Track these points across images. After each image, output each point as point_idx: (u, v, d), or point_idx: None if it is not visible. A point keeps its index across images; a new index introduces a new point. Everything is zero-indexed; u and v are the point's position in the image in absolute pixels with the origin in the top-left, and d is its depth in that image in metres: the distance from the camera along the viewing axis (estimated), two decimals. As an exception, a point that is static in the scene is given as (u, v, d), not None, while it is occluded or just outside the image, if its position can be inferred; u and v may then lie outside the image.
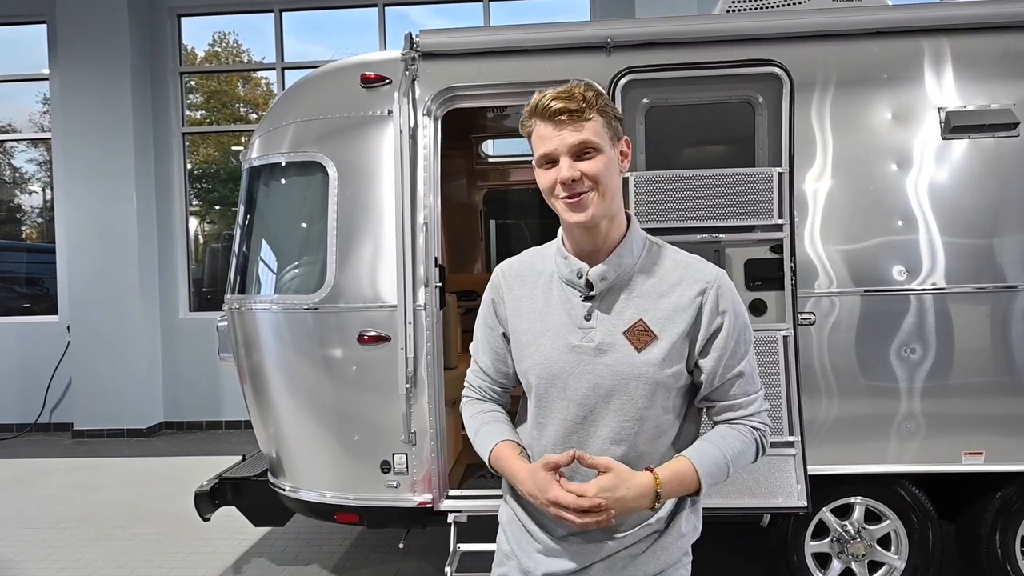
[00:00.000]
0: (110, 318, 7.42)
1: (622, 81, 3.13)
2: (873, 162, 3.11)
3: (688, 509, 1.49)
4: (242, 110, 8.59)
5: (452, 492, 3.35)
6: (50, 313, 8.05)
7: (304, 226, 3.55)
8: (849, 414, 3.12)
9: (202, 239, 8.36)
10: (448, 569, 3.11)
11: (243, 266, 3.65)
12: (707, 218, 3.05)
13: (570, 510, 1.31)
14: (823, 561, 3.30)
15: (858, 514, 3.25)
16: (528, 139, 1.44)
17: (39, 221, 8.71)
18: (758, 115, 3.10)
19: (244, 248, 3.66)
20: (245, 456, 4.23)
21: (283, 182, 3.60)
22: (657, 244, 1.50)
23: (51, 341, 7.77)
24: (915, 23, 3.13)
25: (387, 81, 3.31)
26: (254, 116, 8.34)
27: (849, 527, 3.25)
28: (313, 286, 3.33)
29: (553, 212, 1.45)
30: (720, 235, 3.06)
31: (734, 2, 3.45)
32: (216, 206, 8.53)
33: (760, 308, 3.07)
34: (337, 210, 3.30)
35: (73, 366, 7.56)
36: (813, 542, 3.28)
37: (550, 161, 1.39)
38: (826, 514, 3.26)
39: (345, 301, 3.27)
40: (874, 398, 3.11)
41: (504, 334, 1.57)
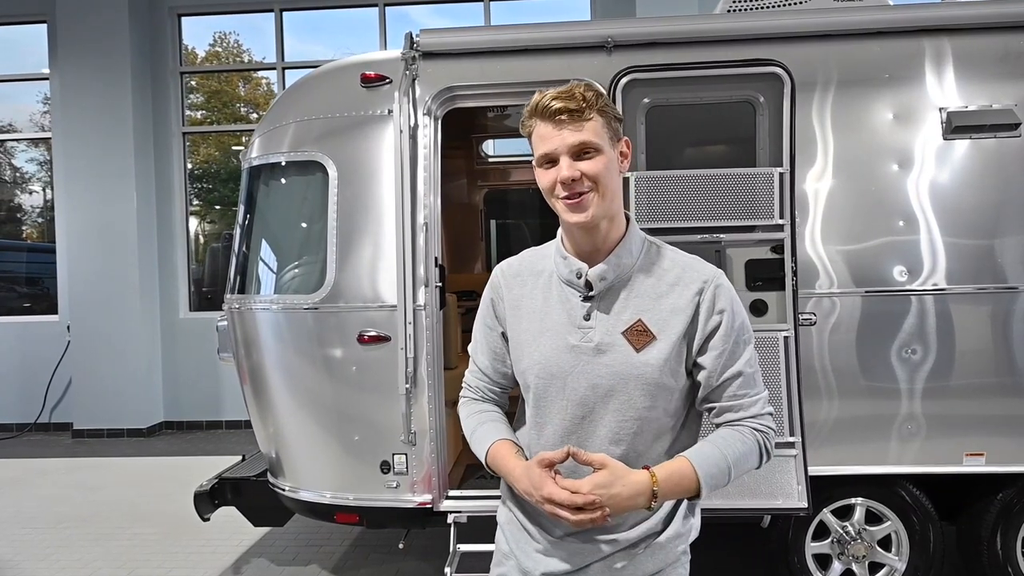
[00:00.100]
0: (110, 318, 7.42)
1: (623, 81, 3.12)
2: (874, 162, 3.11)
3: (686, 510, 1.48)
4: (242, 110, 8.58)
5: (452, 492, 3.34)
6: (50, 313, 8.06)
7: (304, 226, 3.54)
8: (850, 415, 3.11)
9: (202, 239, 8.36)
10: (448, 569, 3.11)
11: (243, 266, 3.65)
12: (708, 218, 3.04)
13: (564, 507, 1.30)
14: (824, 562, 3.29)
15: (859, 515, 3.24)
16: (528, 139, 1.44)
17: (39, 221, 8.71)
18: (759, 115, 3.10)
19: (244, 248, 3.65)
20: (245, 456, 4.23)
21: (283, 182, 3.60)
22: (656, 244, 1.50)
23: (51, 341, 7.78)
24: (916, 23, 3.13)
25: (387, 81, 3.30)
26: (254, 116, 8.33)
27: (850, 528, 3.24)
28: (313, 286, 3.33)
29: (553, 212, 1.45)
30: (721, 235, 3.05)
31: (735, 2, 3.45)
32: (216, 206, 8.53)
33: (761, 308, 3.07)
34: (337, 210, 3.30)
35: (73, 366, 7.57)
36: (814, 543, 3.27)
37: (550, 161, 1.39)
38: (827, 515, 3.25)
39: (345, 301, 3.27)
40: (875, 399, 3.10)
41: (503, 334, 1.57)
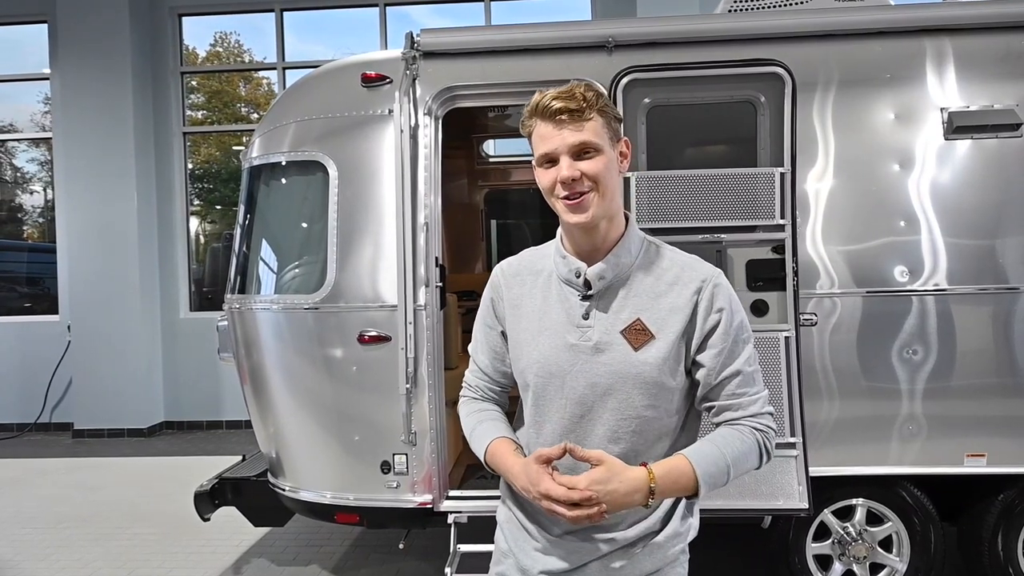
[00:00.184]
0: (111, 318, 7.42)
1: (623, 81, 3.12)
2: (875, 162, 3.10)
3: (685, 509, 1.49)
4: (243, 110, 8.59)
5: (452, 492, 3.34)
6: (51, 313, 8.06)
7: (304, 226, 3.54)
8: (851, 415, 3.11)
9: (203, 239, 8.36)
10: (448, 570, 3.10)
11: (243, 266, 3.65)
12: (709, 218, 3.04)
13: (561, 503, 1.30)
14: (824, 563, 3.29)
15: (860, 516, 3.24)
16: (528, 139, 1.44)
17: (40, 221, 8.71)
18: (760, 115, 3.09)
19: (244, 248, 3.65)
20: (245, 456, 4.22)
21: (283, 181, 3.60)
22: (655, 244, 1.51)
23: (52, 341, 7.78)
24: (917, 23, 3.13)
25: (388, 80, 3.30)
26: (255, 116, 8.33)
27: (851, 529, 3.23)
28: (313, 286, 3.32)
29: (553, 212, 1.45)
30: (722, 235, 3.05)
31: (736, 2, 3.44)
32: (217, 206, 8.53)
33: (762, 309, 3.06)
34: (337, 210, 3.29)
35: (74, 366, 7.57)
36: (814, 544, 3.27)
37: (550, 160, 1.40)
38: (827, 516, 3.25)
39: (345, 301, 3.26)
40: (876, 399, 3.10)
41: (502, 333, 1.58)
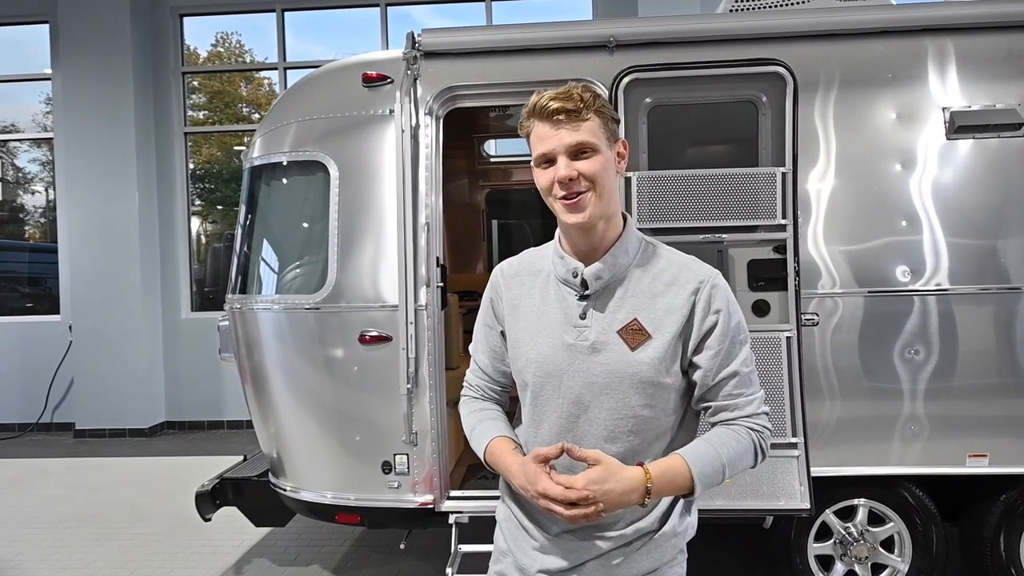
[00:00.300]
0: (112, 318, 7.42)
1: (624, 80, 3.12)
2: (877, 162, 3.10)
3: (682, 508, 1.49)
4: (244, 110, 8.59)
5: (453, 493, 3.34)
6: (52, 313, 8.06)
7: (305, 226, 3.54)
8: (852, 415, 3.10)
9: (204, 239, 8.37)
10: (449, 570, 3.10)
11: (244, 266, 3.65)
12: (710, 218, 3.04)
13: (558, 502, 1.32)
14: (826, 563, 3.28)
15: (861, 516, 3.23)
16: (526, 140, 1.46)
17: (42, 221, 8.72)
18: (761, 115, 3.09)
19: (245, 248, 3.65)
20: (246, 456, 4.22)
21: (284, 182, 3.60)
22: (652, 244, 1.52)
23: (53, 341, 7.78)
24: (919, 22, 3.12)
25: (389, 80, 3.30)
26: (256, 116, 8.33)
27: (852, 529, 3.23)
28: (314, 286, 3.32)
29: (553, 212, 1.45)
30: (723, 235, 3.04)
31: (737, 1, 3.44)
32: (218, 206, 8.53)
33: (763, 309, 3.06)
34: (338, 210, 3.29)
35: (75, 366, 7.57)
36: (816, 544, 3.26)
37: (548, 161, 1.41)
38: (829, 516, 3.24)
39: (346, 301, 3.26)
40: (877, 399, 3.09)
41: (502, 333, 1.59)
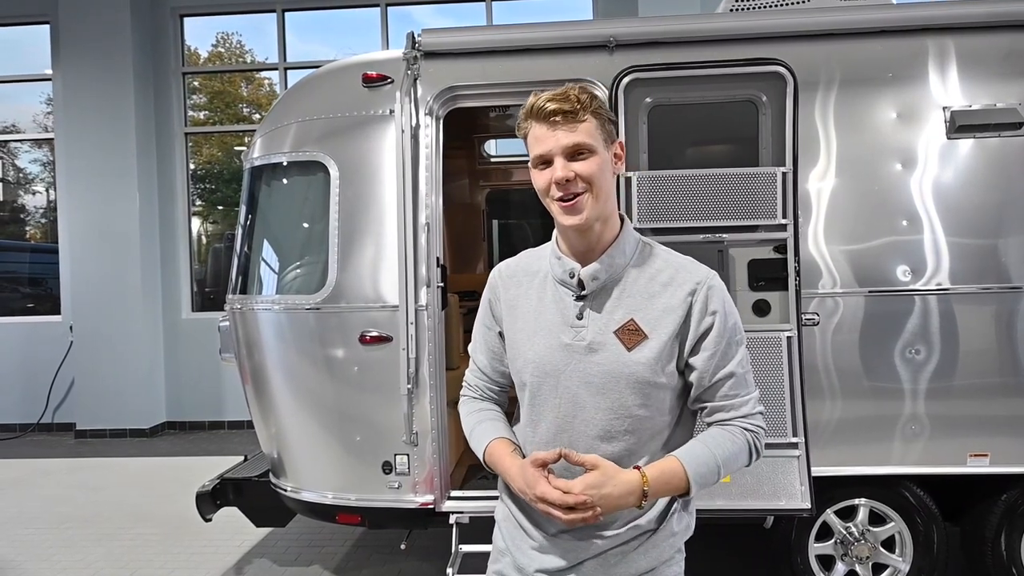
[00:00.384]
0: (113, 318, 7.43)
1: (625, 80, 3.11)
2: (877, 162, 3.10)
3: (680, 507, 1.50)
4: (245, 110, 8.59)
5: (454, 493, 3.34)
6: (53, 313, 8.06)
7: (306, 226, 3.54)
8: (853, 415, 3.10)
9: (205, 239, 8.37)
10: (450, 570, 3.10)
11: (245, 266, 3.65)
12: (710, 218, 3.03)
13: (557, 506, 1.33)
14: (827, 563, 3.28)
15: (862, 516, 3.23)
16: (524, 141, 1.46)
17: (43, 221, 8.73)
18: (761, 114, 3.08)
19: (246, 248, 3.65)
20: (247, 456, 4.22)
21: (285, 182, 3.60)
22: (649, 245, 1.52)
23: (54, 341, 7.78)
24: (919, 22, 3.12)
25: (389, 80, 3.30)
26: (257, 116, 8.34)
27: (853, 529, 3.23)
28: (315, 286, 3.32)
29: None
30: (723, 235, 3.04)
31: (737, 1, 3.44)
32: (219, 206, 8.54)
33: (764, 309, 3.06)
34: (339, 210, 3.29)
35: (76, 366, 7.57)
36: (817, 544, 3.26)
37: (545, 162, 1.42)
38: (830, 516, 3.24)
39: (347, 301, 3.26)
40: (878, 399, 3.09)
41: (500, 333, 1.60)
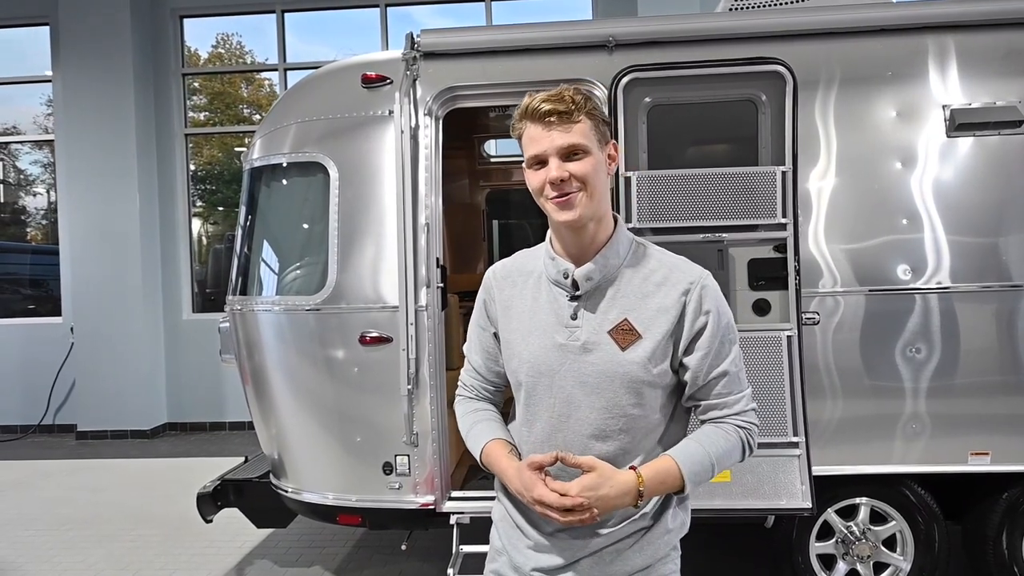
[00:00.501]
0: (113, 320, 7.43)
1: (624, 80, 3.11)
2: (877, 160, 3.09)
3: (675, 505, 1.51)
4: (245, 111, 8.59)
5: (454, 493, 3.34)
6: (54, 315, 8.07)
7: (305, 227, 3.54)
8: (854, 414, 3.09)
9: (205, 240, 8.37)
10: (451, 571, 3.10)
11: (245, 267, 3.65)
12: (710, 217, 3.03)
13: (554, 508, 1.35)
14: (828, 562, 3.28)
15: (863, 515, 3.23)
16: (518, 141, 1.47)
17: (43, 223, 8.73)
18: (761, 114, 3.08)
19: (246, 249, 3.65)
20: (248, 458, 4.22)
21: (284, 183, 3.60)
22: (643, 245, 1.53)
23: (55, 343, 7.78)
24: (919, 20, 3.12)
25: (388, 81, 3.30)
26: (257, 117, 8.33)
27: (854, 528, 3.22)
28: (315, 287, 3.32)
29: None
30: (723, 235, 3.04)
31: (736, 0, 3.44)
32: (219, 207, 8.54)
33: (764, 308, 3.05)
34: (338, 211, 3.29)
35: (77, 367, 7.58)
36: (818, 543, 3.26)
37: (540, 162, 1.43)
38: (831, 515, 3.24)
39: (347, 302, 3.26)
40: (879, 398, 3.09)
41: (495, 334, 1.61)
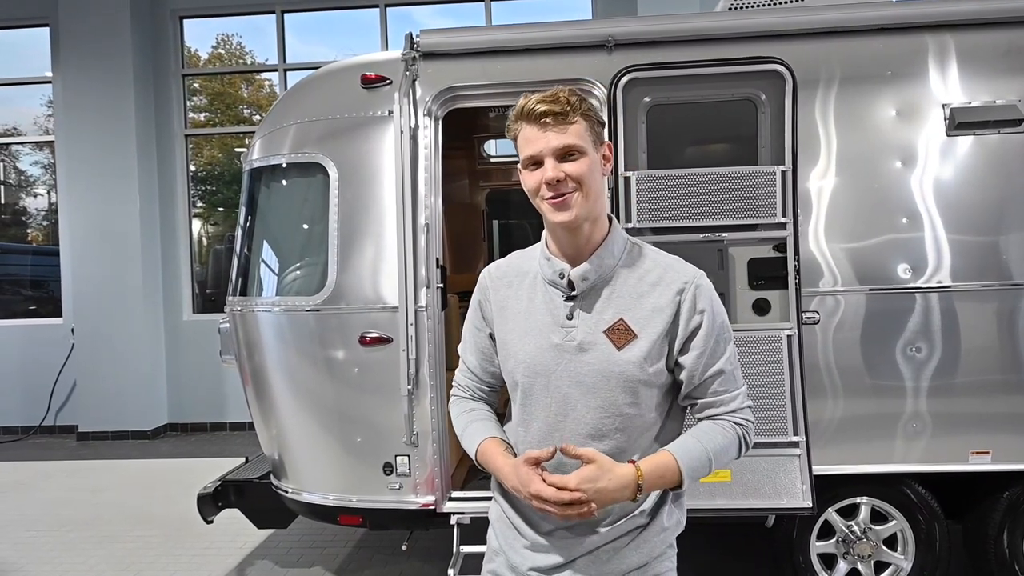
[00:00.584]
0: (114, 320, 7.44)
1: (623, 80, 3.11)
2: (877, 159, 3.09)
3: (671, 503, 1.52)
4: (245, 112, 8.59)
5: (455, 494, 3.34)
6: (54, 316, 8.07)
7: (305, 227, 3.54)
8: (854, 414, 3.09)
9: (205, 241, 8.37)
10: (451, 571, 3.10)
11: (245, 268, 3.65)
12: (710, 217, 3.03)
13: (552, 503, 1.34)
14: (829, 562, 3.27)
15: (864, 514, 3.23)
16: (514, 142, 1.48)
17: (44, 224, 8.73)
18: (760, 113, 3.08)
19: (245, 250, 3.65)
20: (248, 458, 4.22)
21: (284, 183, 3.60)
22: (638, 245, 1.54)
23: (55, 343, 7.79)
24: (919, 19, 3.11)
25: (388, 81, 3.30)
26: (257, 117, 8.34)
27: (855, 527, 3.22)
28: (314, 288, 3.32)
29: None
30: (723, 234, 3.03)
31: (736, 0, 3.43)
32: (220, 208, 8.54)
33: (764, 307, 3.05)
34: (338, 211, 3.29)
35: (77, 368, 7.58)
36: (819, 543, 3.26)
37: (535, 163, 1.43)
38: (832, 514, 3.24)
39: (346, 302, 3.26)
40: (879, 397, 3.08)
41: (490, 335, 1.61)
